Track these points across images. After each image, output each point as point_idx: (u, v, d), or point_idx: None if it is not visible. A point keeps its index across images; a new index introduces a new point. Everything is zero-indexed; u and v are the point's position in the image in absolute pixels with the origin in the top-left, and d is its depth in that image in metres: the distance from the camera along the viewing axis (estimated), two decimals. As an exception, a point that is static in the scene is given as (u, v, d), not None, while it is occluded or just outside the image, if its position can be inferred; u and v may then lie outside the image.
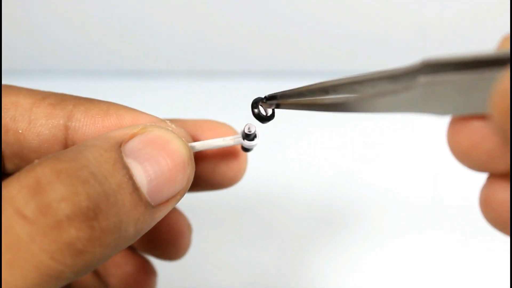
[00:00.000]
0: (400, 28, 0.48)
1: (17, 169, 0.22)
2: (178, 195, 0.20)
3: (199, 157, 0.24)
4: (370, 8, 0.46)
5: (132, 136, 0.19)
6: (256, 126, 0.22)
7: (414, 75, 0.14)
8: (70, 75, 0.51)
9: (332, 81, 0.17)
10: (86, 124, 0.21)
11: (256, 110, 0.21)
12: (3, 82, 0.22)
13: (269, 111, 0.21)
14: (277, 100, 0.21)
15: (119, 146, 0.18)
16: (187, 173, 0.20)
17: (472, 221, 0.33)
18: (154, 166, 0.19)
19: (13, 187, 0.16)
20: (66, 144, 0.21)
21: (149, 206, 0.18)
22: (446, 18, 0.47)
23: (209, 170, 0.25)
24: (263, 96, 0.21)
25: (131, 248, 0.29)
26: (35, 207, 0.16)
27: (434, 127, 0.28)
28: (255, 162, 0.32)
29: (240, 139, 0.22)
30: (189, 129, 0.24)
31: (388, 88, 0.15)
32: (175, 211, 0.28)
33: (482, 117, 0.15)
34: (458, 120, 0.16)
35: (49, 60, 0.51)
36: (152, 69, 0.52)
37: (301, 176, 0.45)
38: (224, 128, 0.25)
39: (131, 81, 0.51)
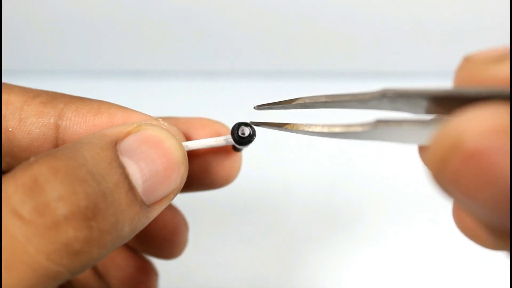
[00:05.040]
0: (400, 28, 0.47)
1: (8, 167, 0.22)
2: (172, 194, 0.20)
3: (192, 156, 0.24)
4: (370, 8, 0.46)
5: (127, 134, 0.19)
6: (251, 127, 0.22)
7: (378, 100, 0.16)
8: (69, 75, 0.51)
9: (310, 97, 0.19)
10: (77, 123, 0.21)
11: (235, 134, 0.22)
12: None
13: (247, 132, 0.22)
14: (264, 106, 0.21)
15: (114, 144, 0.18)
16: (181, 172, 0.19)
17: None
18: (149, 165, 0.18)
19: (9, 186, 0.16)
20: (57, 143, 0.21)
21: (144, 205, 0.18)
22: (446, 18, 0.47)
23: (202, 169, 0.25)
24: (246, 122, 0.22)
25: (132, 249, 0.29)
26: (32, 207, 0.15)
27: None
28: (255, 161, 0.32)
29: (232, 140, 0.22)
30: (181, 127, 0.23)
31: (355, 106, 0.17)
32: (170, 208, 0.28)
33: None
34: None
35: (48, 60, 0.51)
36: (152, 69, 0.52)
37: (301, 175, 0.45)
38: (216, 126, 0.24)
39: (131, 81, 0.51)
